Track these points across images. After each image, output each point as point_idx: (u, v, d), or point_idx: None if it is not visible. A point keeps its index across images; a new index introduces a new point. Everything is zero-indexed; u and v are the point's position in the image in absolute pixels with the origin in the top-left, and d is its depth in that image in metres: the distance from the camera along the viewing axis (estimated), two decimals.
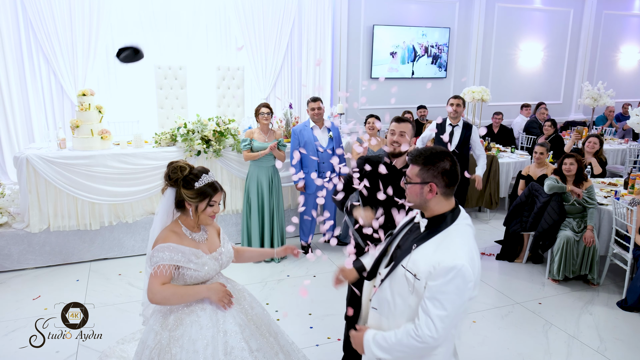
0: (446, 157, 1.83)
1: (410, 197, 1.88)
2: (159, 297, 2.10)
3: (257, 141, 4.88)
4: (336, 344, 3.59)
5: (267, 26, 7.35)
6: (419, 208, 1.89)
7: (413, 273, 1.77)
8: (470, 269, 1.70)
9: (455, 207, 1.87)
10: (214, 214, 2.22)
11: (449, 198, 1.86)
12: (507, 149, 7.34)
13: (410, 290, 1.77)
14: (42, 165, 4.67)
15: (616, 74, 10.57)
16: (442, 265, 1.69)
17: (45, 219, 4.83)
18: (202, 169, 2.22)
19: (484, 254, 5.36)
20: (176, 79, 6.19)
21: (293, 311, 4.03)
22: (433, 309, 1.69)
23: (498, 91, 9.42)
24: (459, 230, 1.82)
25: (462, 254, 1.72)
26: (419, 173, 1.84)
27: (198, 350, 2.07)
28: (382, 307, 1.89)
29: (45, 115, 6.46)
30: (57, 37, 6.30)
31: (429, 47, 8.70)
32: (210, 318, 2.15)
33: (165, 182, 2.23)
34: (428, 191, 1.82)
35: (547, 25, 9.67)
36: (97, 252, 5.07)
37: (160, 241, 2.16)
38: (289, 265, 5.02)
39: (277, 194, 5.05)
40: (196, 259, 2.18)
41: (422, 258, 1.76)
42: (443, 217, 1.83)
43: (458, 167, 1.86)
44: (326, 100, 7.83)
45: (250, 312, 2.34)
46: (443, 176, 1.81)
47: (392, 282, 1.85)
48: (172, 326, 2.14)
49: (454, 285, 1.68)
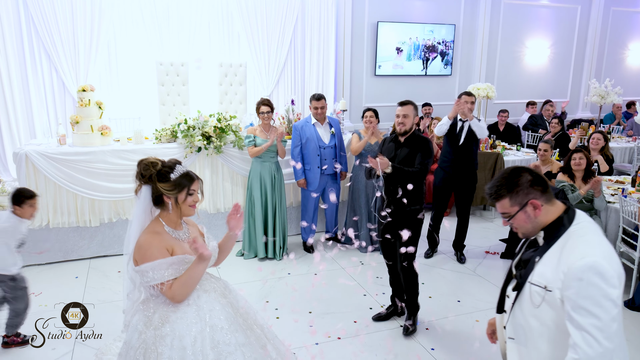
0: (522, 170, 1.72)
1: (522, 229, 1.74)
2: (179, 296, 2.09)
3: (260, 138, 4.82)
4: (335, 342, 3.53)
5: (270, 22, 7.30)
6: (536, 232, 1.74)
7: (542, 286, 1.63)
8: (605, 263, 1.53)
9: (568, 208, 1.72)
10: (195, 203, 2.18)
11: (554, 202, 1.72)
12: (513, 147, 7.24)
13: (543, 306, 1.62)
14: (41, 162, 4.64)
15: (624, 72, 10.42)
16: (572, 268, 1.54)
17: (45, 216, 4.80)
18: (175, 161, 2.18)
19: (488, 253, 5.27)
20: (178, 75, 6.14)
21: (293, 309, 3.97)
22: (583, 320, 1.51)
23: (504, 89, 9.31)
24: (582, 228, 1.66)
25: (591, 250, 1.56)
26: (511, 203, 1.71)
27: (186, 346, 2.03)
28: (518, 335, 1.75)
29: (47, 111, 6.45)
30: (59, 33, 6.28)
31: (435, 45, 8.60)
32: (197, 313, 2.11)
33: (139, 181, 2.16)
34: (533, 210, 1.69)
35: (553, 22, 9.55)
36: (96, 249, 5.03)
37: (145, 253, 2.06)
38: (290, 263, 4.96)
39: (279, 190, 4.99)
40: (185, 265, 2.14)
41: (548, 268, 1.63)
42: (558, 221, 1.69)
43: (538, 170, 1.75)
44: (330, 96, 7.76)
45: (236, 305, 2.30)
46: (534, 187, 1.69)
47: (522, 304, 1.72)
48: (158, 324, 2.09)
49: (594, 287, 1.51)
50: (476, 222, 6.26)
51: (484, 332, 3.66)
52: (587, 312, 1.51)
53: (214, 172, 5.30)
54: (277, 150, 4.89)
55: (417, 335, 3.67)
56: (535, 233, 1.74)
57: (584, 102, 10.06)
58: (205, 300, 2.16)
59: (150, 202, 2.17)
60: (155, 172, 2.13)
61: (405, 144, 3.62)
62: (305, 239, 5.31)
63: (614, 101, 8.44)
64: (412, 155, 3.58)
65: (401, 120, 3.56)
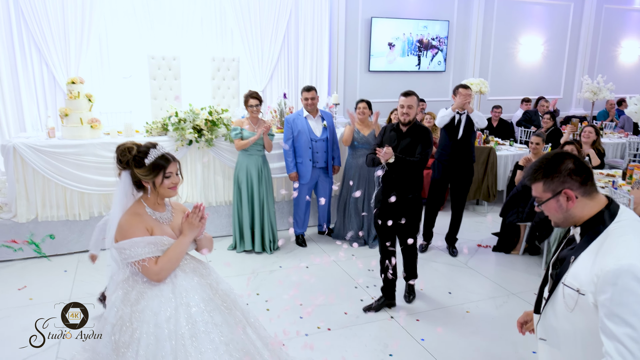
0: (565, 157, 1.59)
1: (553, 217, 1.63)
2: (164, 272, 2.12)
3: (247, 131, 4.79)
4: (326, 333, 3.51)
5: (263, 17, 7.26)
6: (569, 224, 1.63)
7: (575, 288, 1.52)
8: None
9: (610, 203, 1.58)
10: (173, 185, 2.19)
11: (595, 195, 1.58)
12: (506, 142, 7.24)
13: (577, 310, 1.52)
14: (29, 154, 4.59)
15: (617, 69, 10.46)
16: (606, 271, 1.41)
17: (33, 209, 4.75)
18: (150, 144, 2.18)
19: (480, 246, 5.27)
20: (170, 69, 6.09)
21: (283, 301, 3.94)
22: (617, 329, 1.38)
23: (498, 85, 9.32)
24: (623, 226, 1.52)
25: (629, 252, 1.42)
26: (545, 188, 1.60)
27: (160, 323, 2.04)
28: (549, 336, 1.67)
29: (37, 106, 6.39)
30: (49, 27, 6.22)
31: (430, 41, 8.60)
32: (173, 291, 2.13)
33: (118, 166, 2.19)
34: (566, 200, 1.57)
35: (547, 19, 9.57)
36: (86, 243, 4.93)
37: (124, 231, 2.11)
38: (282, 257, 4.93)
39: (267, 184, 4.95)
40: (162, 247, 2.16)
41: (582, 269, 1.51)
42: (597, 217, 1.56)
43: (584, 160, 1.61)
44: (324, 92, 7.73)
45: (215, 286, 2.30)
46: (573, 176, 1.56)
47: (555, 305, 1.62)
48: (134, 300, 2.11)
49: (629, 293, 1.37)
50: (469, 216, 6.26)
51: (477, 322, 3.67)
52: (621, 320, 1.38)
53: (205, 165, 5.26)
54: (264, 144, 4.85)
55: (408, 326, 3.65)
56: (567, 225, 1.63)
57: (577, 98, 10.08)
58: (182, 279, 2.18)
59: (130, 185, 2.20)
60: (132, 157, 2.14)
61: (407, 133, 3.75)
62: (297, 233, 5.28)
63: (606, 97, 8.47)
64: (413, 144, 3.72)
65: (405, 111, 3.68)
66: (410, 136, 3.74)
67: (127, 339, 2.03)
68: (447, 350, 3.36)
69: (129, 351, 2.01)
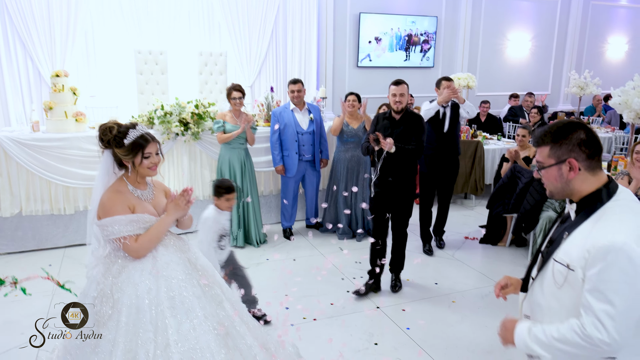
0: (578, 126, 1.53)
1: (550, 185, 1.58)
2: (144, 250, 2.18)
3: (230, 124, 4.76)
4: (311, 324, 3.50)
5: (251, 12, 7.24)
6: (564, 195, 1.59)
7: (565, 264, 1.49)
8: (637, 248, 1.36)
9: (609, 181, 1.54)
10: (153, 164, 2.23)
11: (598, 172, 1.54)
12: (494, 137, 7.28)
13: (565, 287, 1.50)
14: (13, 148, 4.54)
15: (604, 65, 10.55)
16: (598, 247, 1.39)
17: (17, 203, 4.70)
18: (130, 125, 2.22)
19: (467, 238, 5.29)
20: (157, 64, 6.05)
21: (270, 292, 3.94)
22: (596, 304, 1.37)
23: (486, 81, 9.37)
24: (620, 205, 1.49)
25: (623, 230, 1.39)
26: (550, 153, 1.55)
27: (141, 294, 2.10)
28: (534, 313, 1.64)
29: (22, 101, 6.32)
30: (34, 22, 6.16)
31: (418, 36, 8.62)
32: (154, 265, 2.19)
33: (100, 146, 2.24)
34: (568, 170, 1.52)
35: (534, 16, 9.63)
36: (72, 238, 4.94)
37: (106, 209, 2.16)
38: (269, 250, 4.92)
39: (250, 177, 4.92)
40: (144, 224, 2.22)
41: (575, 245, 1.48)
42: (596, 194, 1.52)
43: (596, 134, 1.56)
44: (312, 87, 7.73)
45: (195, 262, 2.35)
46: (581, 147, 1.50)
47: (544, 281, 1.59)
48: (116, 273, 2.17)
49: (617, 270, 1.35)
50: (457, 209, 6.29)
51: (463, 311, 3.68)
52: (603, 296, 1.37)
53: (192, 159, 5.24)
54: (247, 137, 4.83)
55: (393, 316, 3.66)
56: (562, 197, 1.60)
57: (565, 94, 10.16)
58: (163, 253, 2.24)
59: (112, 163, 2.26)
60: (112, 137, 2.19)
61: (400, 121, 3.85)
62: (285, 226, 5.27)
63: (593, 92, 8.54)
64: (407, 132, 3.81)
65: (398, 99, 3.79)
66: (404, 124, 3.83)
67: (108, 310, 2.09)
68: (432, 339, 3.37)
69: (111, 321, 2.08)
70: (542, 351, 1.50)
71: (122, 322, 2.06)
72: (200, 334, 2.12)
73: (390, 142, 3.62)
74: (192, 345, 2.08)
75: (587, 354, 1.43)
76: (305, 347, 3.10)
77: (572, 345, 1.43)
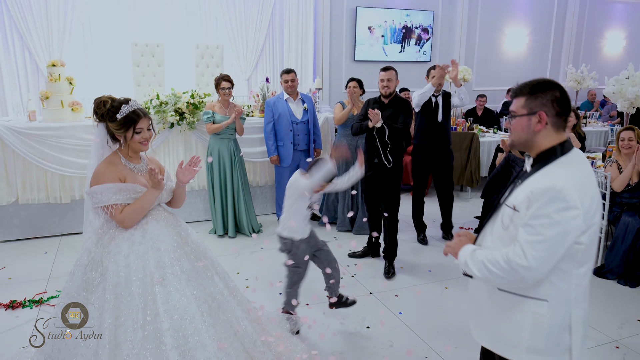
0: (556, 85, 1.63)
1: (516, 134, 1.66)
2: (129, 221, 2.22)
3: (219, 114, 4.78)
4: (303, 308, 3.52)
5: (247, 5, 7.26)
6: (525, 147, 1.68)
7: (512, 206, 1.60)
8: (574, 194, 1.47)
9: (566, 141, 1.63)
10: (144, 139, 2.27)
11: (560, 131, 1.63)
12: (490, 130, 7.30)
13: (511, 228, 1.59)
14: (9, 136, 4.56)
15: (601, 60, 10.56)
16: (539, 187, 1.50)
17: (14, 192, 4.73)
18: (123, 100, 2.26)
19: (462, 228, 5.31)
20: (153, 56, 6.08)
21: (263, 279, 3.97)
22: (524, 236, 1.50)
23: (483, 76, 9.38)
24: (570, 162, 1.59)
25: (564, 176, 1.51)
26: (525, 104, 1.63)
27: (130, 264, 2.15)
28: None
29: (19, 92, 6.34)
30: (32, 13, 6.19)
31: (413, 29, 8.63)
32: (143, 236, 2.24)
33: (94, 119, 2.29)
34: (537, 122, 1.61)
35: (531, 10, 9.65)
36: (68, 226, 4.97)
37: (97, 177, 2.21)
38: (264, 238, 4.94)
39: (240, 168, 4.92)
40: (134, 194, 2.25)
41: (522, 190, 1.58)
42: (552, 149, 1.61)
43: (569, 97, 1.66)
44: (309, 81, 7.75)
45: (185, 236, 2.39)
46: (554, 104, 1.60)
47: (494, 225, 1.70)
48: (106, 242, 2.22)
49: (550, 209, 1.47)
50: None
51: (456, 297, 3.70)
52: (532, 229, 1.49)
53: (188, 148, 5.26)
54: (236, 127, 4.84)
55: (386, 301, 3.68)
56: (523, 148, 1.68)
57: None
58: (153, 226, 2.29)
59: (106, 137, 2.30)
60: (105, 111, 2.24)
61: (389, 105, 4.09)
62: (280, 216, 5.28)
63: (590, 86, 8.56)
64: (395, 114, 4.04)
65: (386, 84, 4.04)
66: (392, 107, 4.07)
67: (97, 277, 2.14)
68: (424, 323, 3.39)
69: (99, 288, 2.12)
70: (474, 268, 1.62)
71: (109, 290, 2.10)
72: (188, 304, 2.15)
73: (377, 113, 3.83)
74: (180, 315, 2.12)
75: (507, 277, 1.53)
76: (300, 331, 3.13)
77: (496, 267, 1.55)
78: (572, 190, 1.48)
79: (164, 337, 2.07)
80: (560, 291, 1.56)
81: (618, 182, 4.15)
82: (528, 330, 1.58)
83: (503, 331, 1.65)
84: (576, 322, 1.58)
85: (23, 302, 3.53)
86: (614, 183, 4.15)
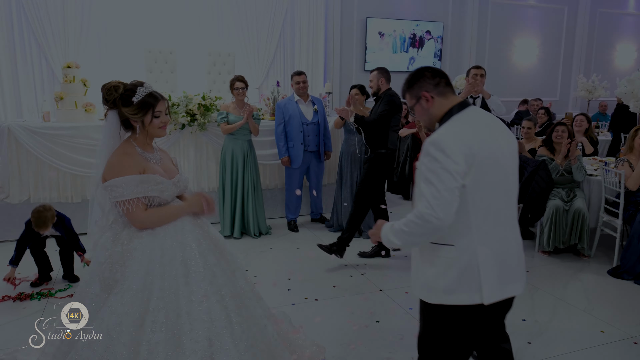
0: (423, 68, 1.84)
1: (422, 120, 1.87)
2: (149, 222, 2.08)
3: (233, 114, 4.81)
4: (312, 303, 3.48)
5: (259, 14, 7.40)
6: (433, 123, 1.84)
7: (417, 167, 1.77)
8: (450, 140, 1.63)
9: (462, 102, 1.79)
10: (163, 124, 2.12)
11: (449, 96, 1.80)
12: None
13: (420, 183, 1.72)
14: (23, 135, 4.64)
15: (612, 73, 10.50)
16: (426, 144, 1.67)
17: (26, 191, 4.78)
18: (137, 82, 2.10)
19: None
20: (166, 62, 6.18)
21: (272, 275, 3.94)
22: (425, 189, 1.64)
23: (493, 87, 9.33)
24: (464, 116, 1.74)
25: (446, 130, 1.68)
26: (410, 96, 1.85)
27: (154, 259, 2.00)
28: None
29: (35, 96, 6.49)
30: (49, 21, 6.36)
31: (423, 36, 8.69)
32: (166, 231, 2.08)
33: (105, 106, 2.12)
34: (426, 101, 1.79)
35: (541, 23, 9.69)
36: (78, 226, 4.93)
37: (115, 169, 2.04)
38: (273, 240, 4.92)
39: (254, 170, 4.92)
40: (156, 185, 2.10)
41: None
42: (448, 112, 1.77)
43: (438, 68, 1.87)
44: (319, 86, 7.80)
45: (207, 229, 2.26)
46: (427, 80, 1.79)
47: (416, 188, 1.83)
48: (125, 240, 2.06)
49: (435, 160, 1.63)
50: None
51: None
52: (428, 181, 1.63)
53: (198, 150, 5.29)
54: (250, 128, 4.87)
55: (396, 297, 3.62)
56: (433, 125, 1.83)
57: (573, 101, 10.13)
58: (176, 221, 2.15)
59: (117, 126, 2.13)
60: (118, 96, 2.08)
61: (376, 100, 4.44)
62: (290, 219, 5.27)
63: (601, 96, 8.50)
64: (376, 107, 4.36)
65: (370, 85, 4.49)
66: (378, 102, 4.40)
67: (118, 277, 1.99)
68: None
69: (117, 288, 1.97)
70: (395, 239, 1.73)
71: (132, 289, 1.96)
72: (212, 305, 2.01)
73: (346, 109, 4.18)
74: (204, 317, 1.97)
75: (423, 232, 1.64)
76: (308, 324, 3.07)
77: (412, 226, 1.66)
78: (447, 138, 1.63)
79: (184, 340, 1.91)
80: (462, 235, 1.69)
81: (632, 181, 4.09)
82: (442, 273, 1.72)
83: (426, 278, 1.78)
84: (483, 261, 1.70)
85: (31, 294, 3.54)
86: (628, 182, 4.09)
